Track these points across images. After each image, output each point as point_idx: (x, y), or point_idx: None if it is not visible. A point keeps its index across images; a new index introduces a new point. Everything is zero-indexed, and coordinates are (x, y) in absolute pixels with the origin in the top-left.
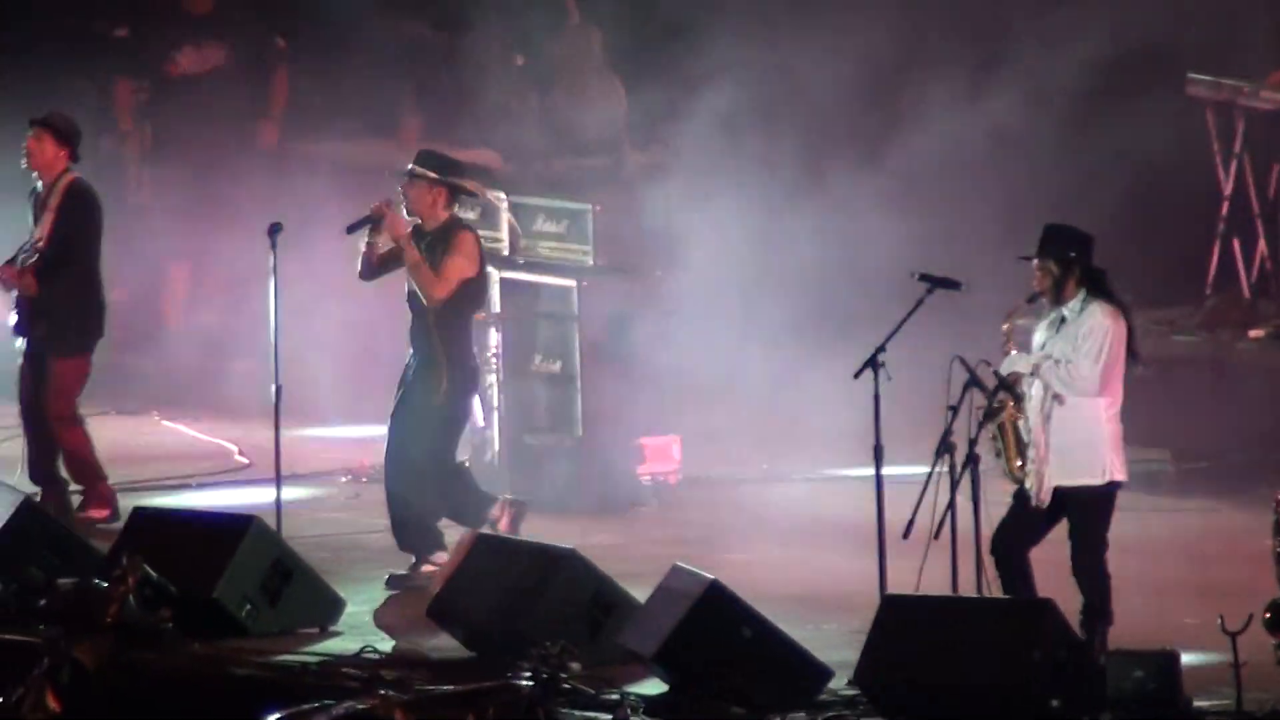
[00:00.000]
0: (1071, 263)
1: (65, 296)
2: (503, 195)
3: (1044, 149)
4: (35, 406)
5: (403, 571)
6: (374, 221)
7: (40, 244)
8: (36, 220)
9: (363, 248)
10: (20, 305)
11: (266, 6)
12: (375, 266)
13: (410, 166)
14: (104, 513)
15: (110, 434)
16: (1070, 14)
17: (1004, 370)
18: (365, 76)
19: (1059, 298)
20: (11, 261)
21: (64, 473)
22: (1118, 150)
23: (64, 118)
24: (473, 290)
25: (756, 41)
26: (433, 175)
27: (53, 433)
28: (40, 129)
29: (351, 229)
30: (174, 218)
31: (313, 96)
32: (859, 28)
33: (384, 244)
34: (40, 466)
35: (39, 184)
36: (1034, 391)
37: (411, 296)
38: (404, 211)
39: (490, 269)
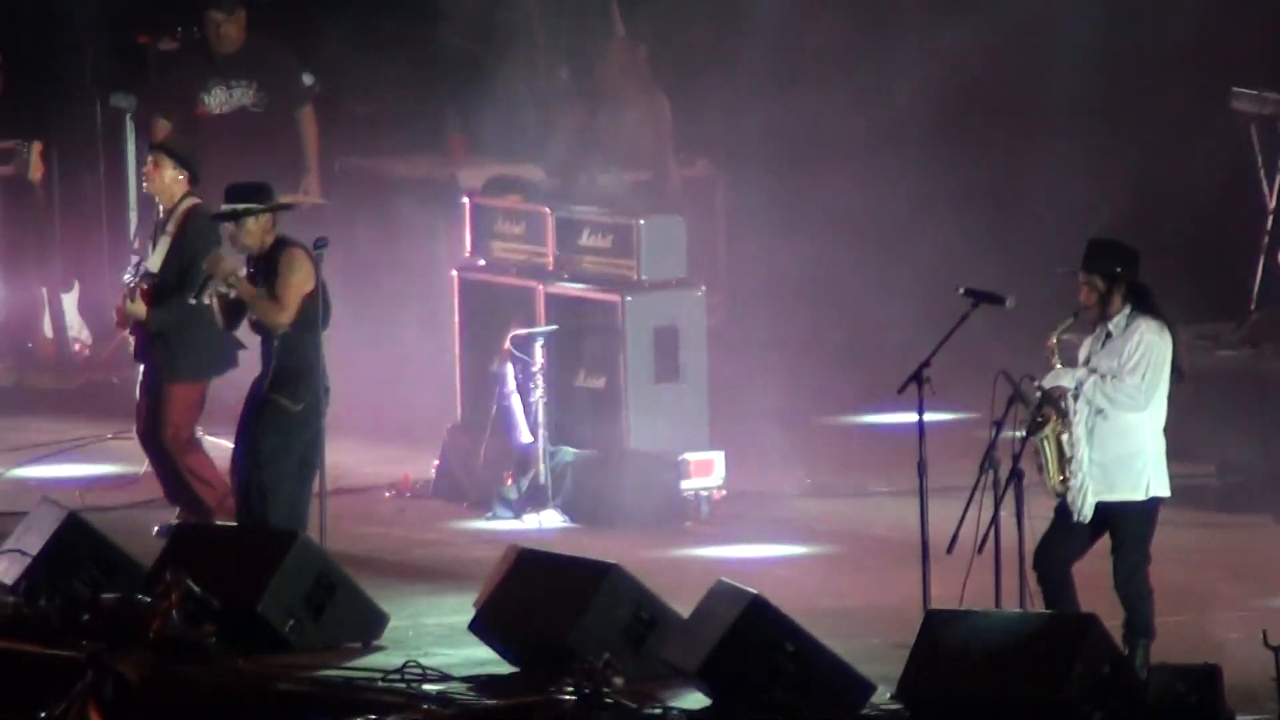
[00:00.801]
0: (1117, 277)
1: (180, 323)
2: (548, 210)
3: (1086, 165)
4: (151, 433)
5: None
6: (209, 278)
7: (156, 269)
8: (154, 244)
9: (210, 302)
10: (136, 331)
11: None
12: (230, 316)
13: (233, 208)
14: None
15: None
16: (1110, 28)
17: (1048, 384)
18: (410, 91)
19: (1104, 312)
20: (128, 286)
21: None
22: (1161, 166)
23: (180, 143)
24: (314, 305)
25: (802, 56)
26: (260, 207)
27: (172, 458)
28: (157, 154)
29: (197, 296)
30: None
31: (357, 110)
32: (910, 39)
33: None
34: (173, 489)
35: (159, 208)
36: (1078, 406)
37: (257, 323)
38: (231, 254)
39: (536, 283)
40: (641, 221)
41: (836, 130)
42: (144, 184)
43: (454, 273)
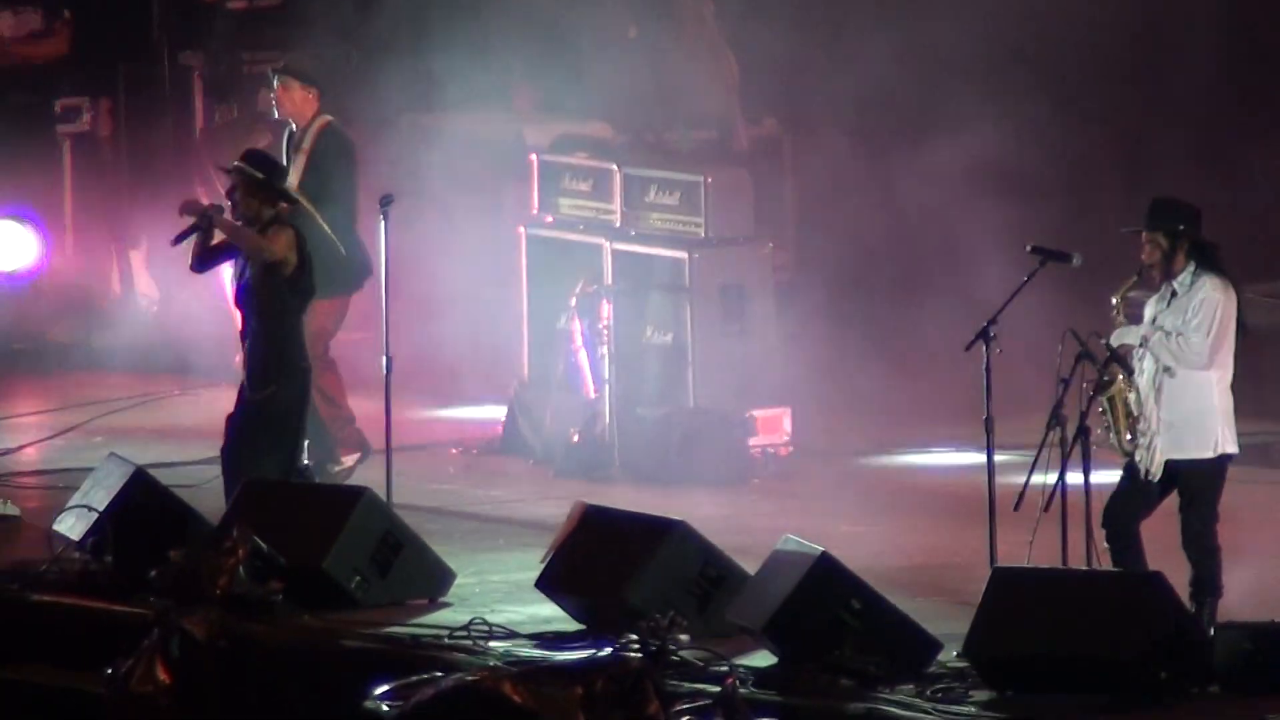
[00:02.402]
0: (1180, 235)
1: (320, 237)
2: (614, 166)
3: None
4: None
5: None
6: (201, 229)
7: (291, 187)
8: (289, 163)
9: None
10: None
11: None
12: (204, 259)
13: (241, 167)
14: (354, 455)
15: (219, 402)
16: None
17: (1114, 342)
18: (478, 47)
19: (1168, 271)
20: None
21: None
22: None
23: (305, 60)
24: (298, 285)
25: (870, 17)
26: (260, 176)
27: None
28: (284, 76)
29: (179, 240)
30: None
31: (424, 68)
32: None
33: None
34: None
35: (293, 127)
36: (1145, 365)
37: (240, 295)
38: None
39: (603, 240)
40: (709, 178)
41: (906, 87)
42: (274, 110)
43: (520, 229)
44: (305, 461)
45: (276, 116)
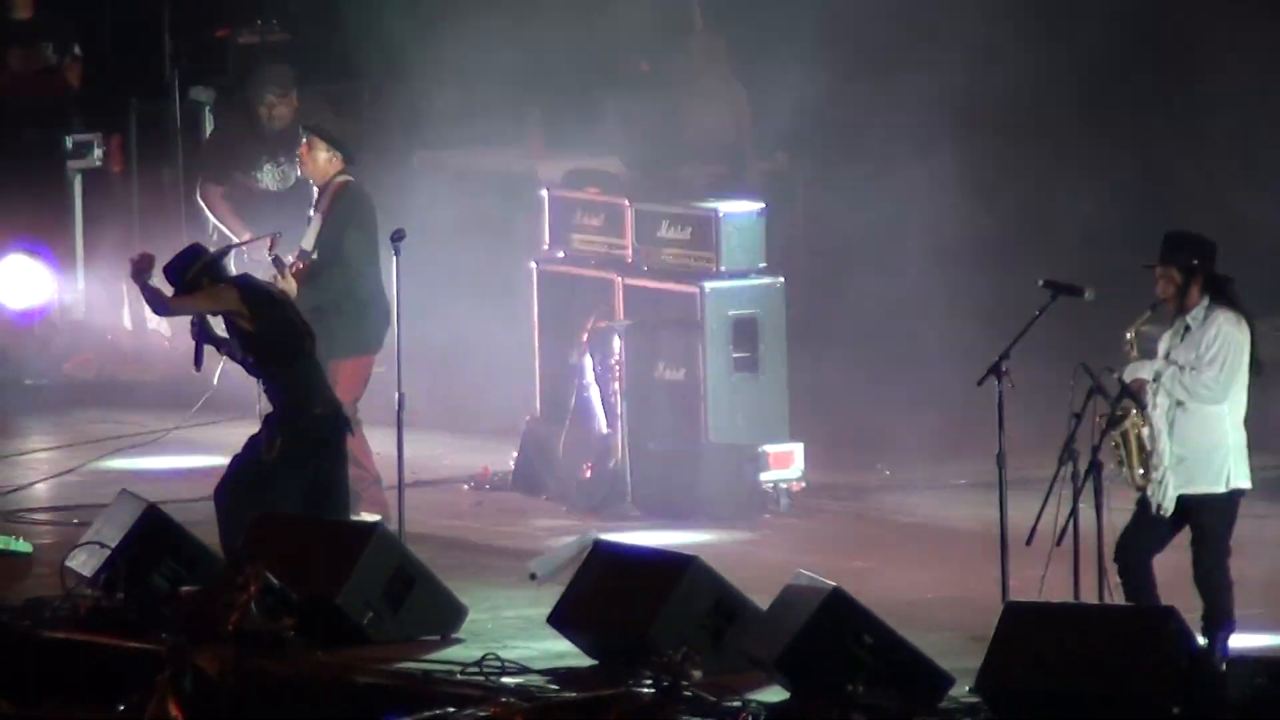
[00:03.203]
0: (1194, 270)
1: (334, 299)
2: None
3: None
4: None
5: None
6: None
7: (310, 246)
8: (309, 223)
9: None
10: None
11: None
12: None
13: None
14: (374, 515)
15: (232, 438)
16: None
17: (1127, 377)
18: (489, 83)
19: (1182, 305)
20: (276, 262)
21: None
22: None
23: (330, 123)
24: (266, 339)
25: (881, 48)
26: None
27: None
28: (310, 135)
29: (199, 357)
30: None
31: (436, 104)
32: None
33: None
34: None
35: (315, 187)
36: (1158, 399)
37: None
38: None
39: (614, 275)
40: (721, 212)
41: (914, 122)
42: (299, 169)
43: (532, 265)
44: None
45: (300, 175)
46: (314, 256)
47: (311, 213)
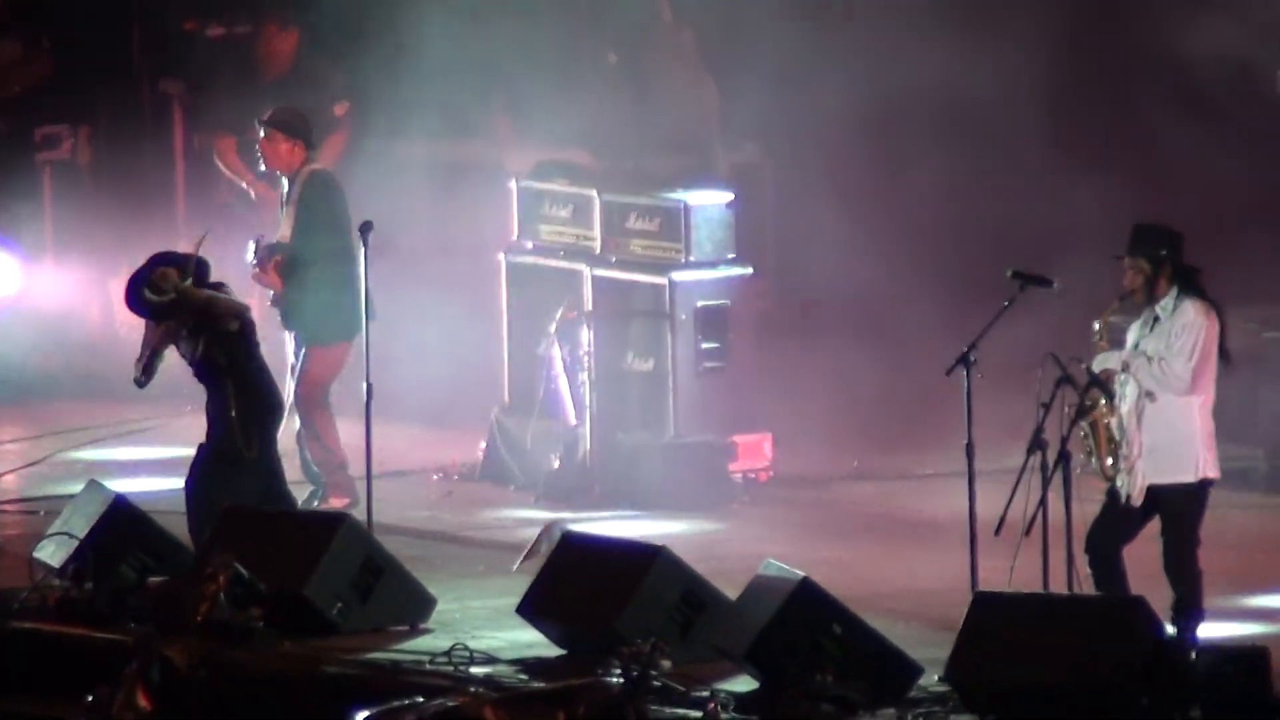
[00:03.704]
0: (1163, 261)
1: (313, 288)
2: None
3: (1144, 147)
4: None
5: None
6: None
7: (284, 239)
8: (282, 216)
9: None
10: (278, 301)
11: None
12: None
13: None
14: (343, 501)
15: (198, 429)
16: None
17: (1096, 367)
18: (456, 74)
19: (1151, 296)
20: (259, 258)
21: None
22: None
23: (289, 112)
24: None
25: (850, 40)
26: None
27: (300, 416)
28: (268, 128)
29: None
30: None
31: (404, 95)
32: (969, 26)
33: None
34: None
35: (285, 181)
36: (1127, 390)
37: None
38: None
39: (583, 266)
40: (690, 204)
41: (887, 114)
42: (260, 165)
43: (501, 256)
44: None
45: (263, 169)
46: (290, 247)
47: (283, 205)
